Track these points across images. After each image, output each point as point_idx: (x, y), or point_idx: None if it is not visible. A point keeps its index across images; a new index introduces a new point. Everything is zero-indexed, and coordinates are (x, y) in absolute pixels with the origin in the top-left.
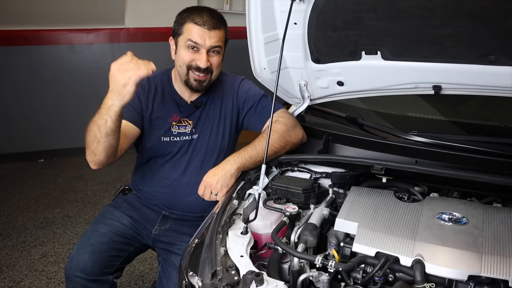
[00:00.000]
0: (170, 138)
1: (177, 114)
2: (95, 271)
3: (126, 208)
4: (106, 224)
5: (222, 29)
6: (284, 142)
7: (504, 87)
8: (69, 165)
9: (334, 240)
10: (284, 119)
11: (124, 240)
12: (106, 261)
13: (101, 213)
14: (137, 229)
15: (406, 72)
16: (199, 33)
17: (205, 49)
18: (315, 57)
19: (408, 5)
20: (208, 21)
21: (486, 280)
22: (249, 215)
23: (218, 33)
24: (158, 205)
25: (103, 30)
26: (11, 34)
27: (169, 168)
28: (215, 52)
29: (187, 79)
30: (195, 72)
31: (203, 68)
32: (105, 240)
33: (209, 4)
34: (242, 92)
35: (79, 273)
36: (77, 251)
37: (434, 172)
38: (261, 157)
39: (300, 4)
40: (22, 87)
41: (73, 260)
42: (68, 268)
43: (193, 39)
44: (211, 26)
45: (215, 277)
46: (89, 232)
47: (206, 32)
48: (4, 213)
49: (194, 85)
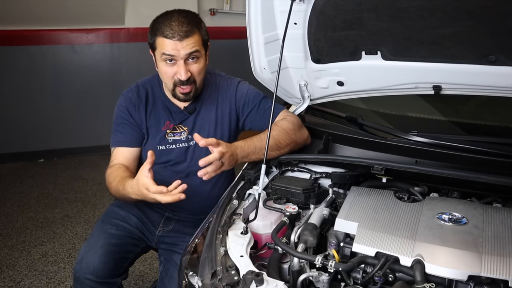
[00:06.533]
0: (166, 146)
1: (170, 121)
2: (105, 273)
3: (131, 208)
4: (113, 224)
5: (196, 33)
6: (290, 139)
7: (504, 87)
8: (69, 165)
9: (334, 240)
10: (291, 117)
11: (132, 241)
12: (115, 263)
13: (106, 213)
14: (143, 229)
15: (406, 72)
16: (171, 45)
17: (182, 59)
18: (315, 57)
19: (408, 5)
20: (178, 31)
21: (486, 280)
22: (249, 215)
23: (191, 39)
24: (161, 207)
25: (103, 30)
26: (11, 34)
27: (169, 174)
28: (194, 58)
29: (174, 93)
30: (180, 86)
31: (185, 80)
32: (114, 242)
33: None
34: (240, 95)
35: (89, 276)
36: (86, 252)
37: (434, 172)
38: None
39: (300, 4)
40: (22, 87)
41: (82, 262)
42: (77, 269)
43: (167, 52)
44: (182, 35)
45: (215, 277)
46: (96, 233)
47: (178, 43)
48: (4, 213)
49: (182, 98)
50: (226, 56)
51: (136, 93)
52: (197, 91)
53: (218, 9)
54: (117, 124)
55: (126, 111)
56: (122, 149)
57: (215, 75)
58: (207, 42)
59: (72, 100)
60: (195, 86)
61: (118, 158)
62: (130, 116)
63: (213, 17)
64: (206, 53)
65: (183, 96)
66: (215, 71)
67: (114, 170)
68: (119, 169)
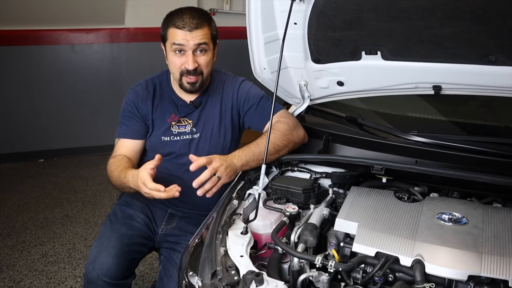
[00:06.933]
0: (170, 137)
1: (176, 114)
2: (119, 274)
3: (137, 205)
4: (123, 224)
5: (206, 26)
6: (287, 140)
7: (504, 87)
8: (69, 165)
9: (334, 240)
10: (286, 119)
11: (142, 240)
12: (127, 263)
13: (113, 213)
14: (150, 226)
15: (406, 72)
16: (181, 35)
17: (191, 49)
18: (315, 57)
19: (408, 5)
20: (189, 23)
21: (486, 280)
22: (249, 215)
23: (201, 31)
24: (164, 202)
25: (103, 30)
26: (11, 34)
27: (173, 166)
28: (202, 51)
29: (180, 83)
30: (187, 76)
31: (192, 70)
32: (126, 241)
33: (209, 5)
34: (242, 92)
35: (103, 277)
36: (98, 253)
37: (434, 172)
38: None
39: (300, 4)
40: (22, 87)
41: (95, 263)
42: (90, 271)
43: (177, 41)
44: (192, 27)
45: (215, 277)
46: (107, 233)
47: (188, 33)
48: (4, 213)
49: (188, 88)
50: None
51: (145, 87)
52: (203, 83)
53: (218, 9)
54: (123, 116)
55: (133, 104)
56: (126, 140)
57: (221, 73)
58: (216, 38)
59: (72, 100)
60: (202, 77)
61: (121, 149)
62: (136, 110)
63: (213, 17)
64: (215, 49)
65: (189, 86)
66: (222, 70)
67: (117, 160)
68: (122, 160)
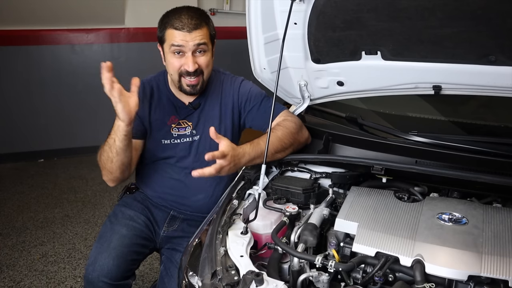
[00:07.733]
0: (171, 140)
1: (176, 116)
2: (119, 275)
3: (138, 207)
4: (123, 225)
5: (204, 26)
6: (293, 139)
7: (504, 87)
8: (69, 165)
9: (334, 240)
10: (293, 118)
11: (142, 241)
12: (128, 264)
13: (114, 214)
14: (151, 228)
15: (406, 72)
16: (180, 36)
17: (190, 50)
18: (315, 57)
19: (408, 5)
20: (187, 23)
21: (486, 280)
22: (249, 215)
23: (200, 32)
24: (166, 205)
25: (103, 30)
26: (11, 34)
27: (174, 169)
28: (201, 51)
29: (180, 85)
30: (186, 78)
31: (192, 72)
32: (126, 243)
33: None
34: (243, 92)
35: (103, 278)
36: (99, 254)
37: (434, 172)
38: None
39: (300, 4)
40: (22, 87)
41: (96, 264)
42: (90, 272)
43: (176, 43)
44: (191, 27)
45: (215, 277)
46: (107, 234)
47: (187, 34)
48: (4, 213)
49: (188, 90)
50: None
51: (142, 89)
52: (203, 85)
53: (218, 9)
54: None
55: None
56: None
57: (219, 73)
58: (214, 38)
59: (72, 100)
60: (202, 78)
61: None
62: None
63: (213, 17)
64: (213, 49)
65: (189, 89)
66: (220, 69)
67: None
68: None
